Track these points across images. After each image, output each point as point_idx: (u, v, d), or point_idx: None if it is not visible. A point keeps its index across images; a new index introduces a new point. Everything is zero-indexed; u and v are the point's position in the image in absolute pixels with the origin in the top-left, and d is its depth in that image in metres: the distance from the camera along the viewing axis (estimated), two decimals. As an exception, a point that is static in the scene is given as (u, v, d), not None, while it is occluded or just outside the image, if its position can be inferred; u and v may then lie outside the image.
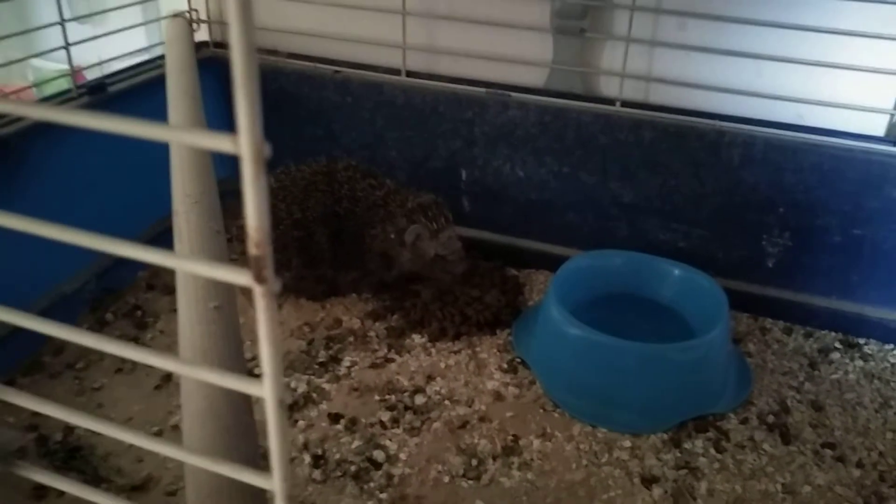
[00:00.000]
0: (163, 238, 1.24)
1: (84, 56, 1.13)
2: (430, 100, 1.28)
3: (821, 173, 1.12)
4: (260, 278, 0.24)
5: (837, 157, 1.11)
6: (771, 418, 1.02)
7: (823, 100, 1.11)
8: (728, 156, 1.15)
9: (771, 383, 1.08)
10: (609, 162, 1.22)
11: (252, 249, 0.24)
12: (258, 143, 0.22)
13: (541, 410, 1.03)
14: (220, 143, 0.23)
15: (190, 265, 0.24)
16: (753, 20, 1.11)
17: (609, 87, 1.25)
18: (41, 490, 0.87)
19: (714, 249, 1.22)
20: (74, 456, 0.93)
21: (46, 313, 1.09)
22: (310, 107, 1.36)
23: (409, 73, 1.30)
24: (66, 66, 1.16)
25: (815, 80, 1.13)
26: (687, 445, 0.97)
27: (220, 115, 1.41)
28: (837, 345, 1.17)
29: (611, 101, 1.21)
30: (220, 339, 0.58)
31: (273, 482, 0.29)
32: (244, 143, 0.22)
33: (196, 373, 0.27)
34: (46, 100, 1.18)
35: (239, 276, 0.25)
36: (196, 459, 0.29)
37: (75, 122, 0.24)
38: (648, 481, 0.92)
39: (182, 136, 0.23)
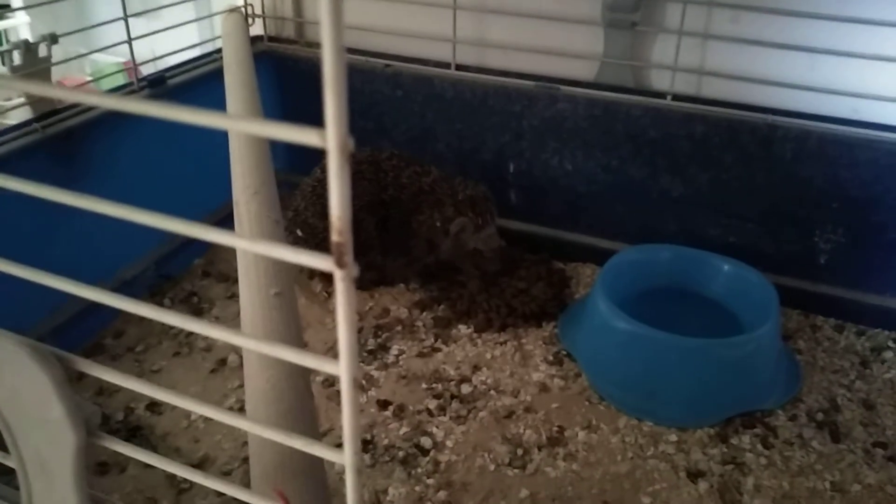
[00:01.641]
0: (219, 227, 1.27)
1: (138, 51, 1.18)
2: (480, 93, 1.29)
3: (876, 169, 1.10)
4: (341, 263, 0.26)
5: (894, 153, 1.09)
6: (820, 416, 1.01)
7: (879, 94, 1.09)
8: (781, 151, 1.14)
9: (821, 381, 1.07)
10: (659, 156, 1.22)
11: (334, 236, 0.25)
12: (344, 137, 0.24)
13: (586, 402, 1.03)
14: (307, 137, 0.24)
15: (277, 251, 0.26)
16: (807, 13, 1.09)
17: (660, 81, 1.25)
18: (104, 466, 0.91)
19: (765, 245, 1.21)
20: (135, 435, 0.97)
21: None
22: (361, 100, 1.38)
23: (459, 67, 1.32)
24: (120, 60, 1.19)
25: (871, 74, 1.11)
26: (734, 441, 0.97)
27: (274, 108, 1.45)
28: (890, 344, 1.15)
29: (662, 95, 1.20)
30: (280, 325, 0.61)
31: (345, 456, 0.31)
32: (331, 137, 0.24)
33: (284, 354, 0.28)
34: (109, 92, 1.22)
35: (321, 262, 0.26)
36: (277, 435, 0.31)
37: (173, 117, 0.26)
38: (694, 475, 0.92)
39: (272, 130, 0.24)
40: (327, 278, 1.25)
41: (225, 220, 1.21)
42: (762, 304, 1.06)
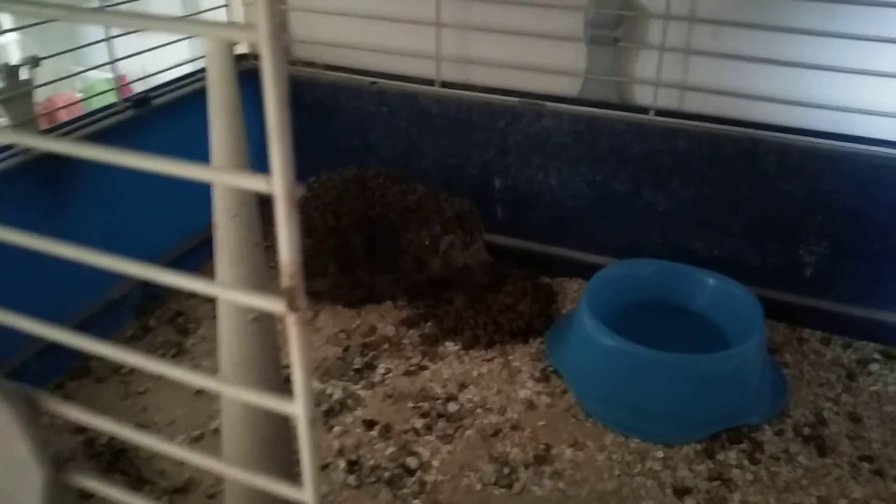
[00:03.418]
0: (204, 247, 1.27)
1: (129, 66, 1.18)
2: (465, 109, 1.30)
3: (859, 181, 1.11)
4: (294, 307, 0.26)
5: (876, 166, 1.09)
6: (807, 430, 1.01)
7: (861, 107, 1.10)
8: (764, 164, 1.15)
9: (807, 395, 1.07)
10: (643, 171, 1.22)
11: (286, 280, 0.25)
12: (291, 184, 0.24)
13: (573, 420, 1.03)
14: (255, 183, 0.24)
15: (227, 293, 0.26)
16: (788, 28, 1.10)
17: (643, 96, 1.25)
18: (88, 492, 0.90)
19: (750, 258, 1.21)
20: (120, 458, 0.96)
21: (94, 319, 1.14)
22: (346, 117, 1.39)
23: (444, 84, 1.32)
24: (111, 76, 1.20)
25: (853, 88, 1.12)
26: (720, 457, 0.97)
27: (259, 127, 1.45)
28: (877, 356, 1.15)
29: (644, 110, 1.21)
30: (257, 350, 0.61)
31: (305, 494, 0.31)
32: (277, 184, 0.24)
33: (232, 391, 0.28)
34: (94, 113, 1.22)
35: (273, 304, 0.26)
36: (232, 471, 0.31)
37: (118, 161, 0.26)
38: (681, 492, 0.92)
39: (220, 176, 0.24)
40: (311, 296, 1.25)
41: (209, 240, 1.21)
42: (747, 318, 1.06)
